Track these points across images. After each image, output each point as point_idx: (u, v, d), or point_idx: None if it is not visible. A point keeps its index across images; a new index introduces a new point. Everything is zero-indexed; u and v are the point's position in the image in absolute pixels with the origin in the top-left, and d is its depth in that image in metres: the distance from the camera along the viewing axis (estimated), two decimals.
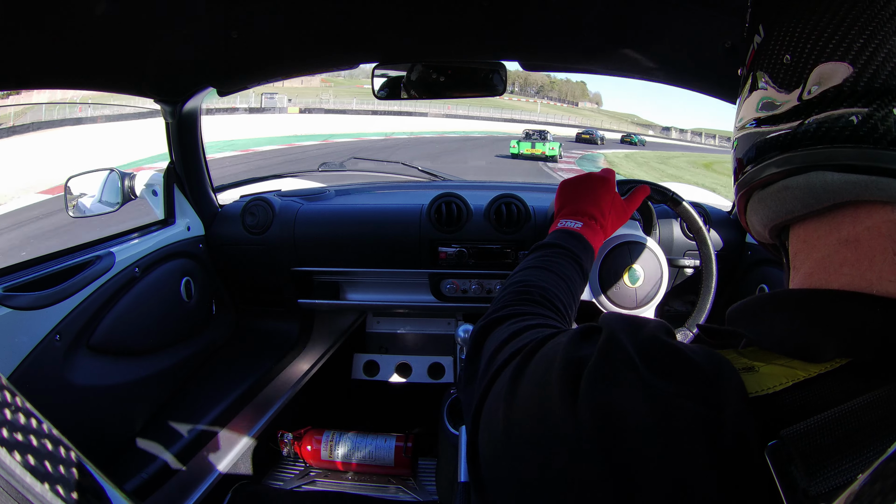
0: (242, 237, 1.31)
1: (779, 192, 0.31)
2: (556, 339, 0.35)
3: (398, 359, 1.78)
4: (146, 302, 1.07)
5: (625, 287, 0.92)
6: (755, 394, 0.26)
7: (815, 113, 0.29)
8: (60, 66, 0.78)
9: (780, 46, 0.31)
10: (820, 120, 0.28)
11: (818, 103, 0.28)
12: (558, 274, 0.54)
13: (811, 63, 0.29)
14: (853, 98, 0.27)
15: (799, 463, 0.22)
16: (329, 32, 0.93)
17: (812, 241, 0.31)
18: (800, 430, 0.23)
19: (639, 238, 0.95)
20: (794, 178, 0.30)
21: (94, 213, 1.19)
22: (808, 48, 0.29)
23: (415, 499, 1.25)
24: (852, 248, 0.28)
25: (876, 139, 0.26)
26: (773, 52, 0.32)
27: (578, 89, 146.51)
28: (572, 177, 0.73)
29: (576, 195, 0.69)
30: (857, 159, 0.27)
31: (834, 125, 0.28)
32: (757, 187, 0.33)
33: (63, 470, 0.19)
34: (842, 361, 0.26)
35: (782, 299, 0.31)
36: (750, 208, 0.36)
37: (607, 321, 0.33)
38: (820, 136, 0.28)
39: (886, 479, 0.17)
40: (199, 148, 1.26)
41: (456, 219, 1.23)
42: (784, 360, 0.28)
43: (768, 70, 0.32)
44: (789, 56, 0.30)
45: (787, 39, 0.30)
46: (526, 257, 0.59)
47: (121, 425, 0.98)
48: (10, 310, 0.77)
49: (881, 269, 0.27)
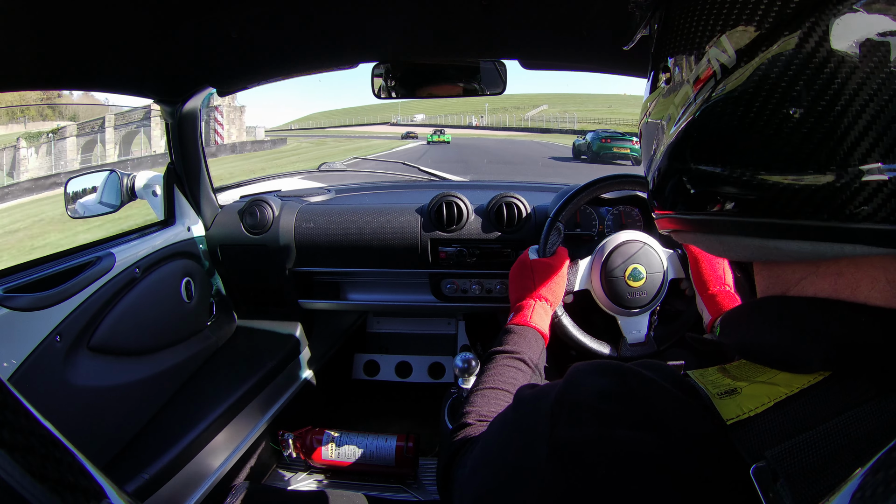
0: (243, 237, 1.31)
1: (764, 249, 0.28)
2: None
3: (398, 358, 1.78)
4: (146, 303, 1.06)
5: (626, 286, 0.92)
6: (734, 419, 0.26)
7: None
8: (61, 67, 0.78)
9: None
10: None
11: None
12: (493, 387, 0.63)
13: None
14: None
15: (784, 482, 0.22)
16: (329, 32, 0.92)
17: (784, 275, 0.30)
18: (784, 449, 0.23)
19: (642, 238, 0.95)
20: (795, 243, 0.26)
21: (94, 213, 1.19)
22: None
23: (415, 498, 1.25)
24: (832, 278, 0.27)
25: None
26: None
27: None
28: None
29: (511, 289, 0.85)
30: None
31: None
32: (726, 234, 0.30)
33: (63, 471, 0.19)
34: (826, 373, 0.26)
35: (766, 308, 0.31)
36: (699, 240, 0.33)
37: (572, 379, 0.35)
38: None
39: (889, 468, 0.17)
40: (199, 148, 1.26)
41: (456, 218, 1.23)
42: (769, 374, 0.27)
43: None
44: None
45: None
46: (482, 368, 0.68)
47: (121, 426, 0.98)
48: (10, 311, 0.77)
49: (867, 294, 0.26)
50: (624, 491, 0.27)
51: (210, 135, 25.51)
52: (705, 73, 0.29)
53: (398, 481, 1.30)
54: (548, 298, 0.79)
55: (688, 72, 0.30)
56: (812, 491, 0.22)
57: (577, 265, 0.95)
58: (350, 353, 1.79)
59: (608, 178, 0.99)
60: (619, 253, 0.93)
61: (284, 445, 1.30)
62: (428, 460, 1.37)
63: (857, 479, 0.18)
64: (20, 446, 0.18)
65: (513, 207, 1.23)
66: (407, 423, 1.63)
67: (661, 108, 0.34)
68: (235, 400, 1.14)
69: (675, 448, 0.27)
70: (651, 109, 0.36)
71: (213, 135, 26.15)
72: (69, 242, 3.46)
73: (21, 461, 0.17)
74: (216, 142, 25.74)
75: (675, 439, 0.27)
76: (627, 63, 0.99)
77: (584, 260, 0.95)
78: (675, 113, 0.32)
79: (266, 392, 1.27)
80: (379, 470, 1.29)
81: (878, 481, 0.17)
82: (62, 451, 0.20)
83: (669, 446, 0.27)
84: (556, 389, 0.33)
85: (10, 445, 0.18)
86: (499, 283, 1.27)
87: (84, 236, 6.57)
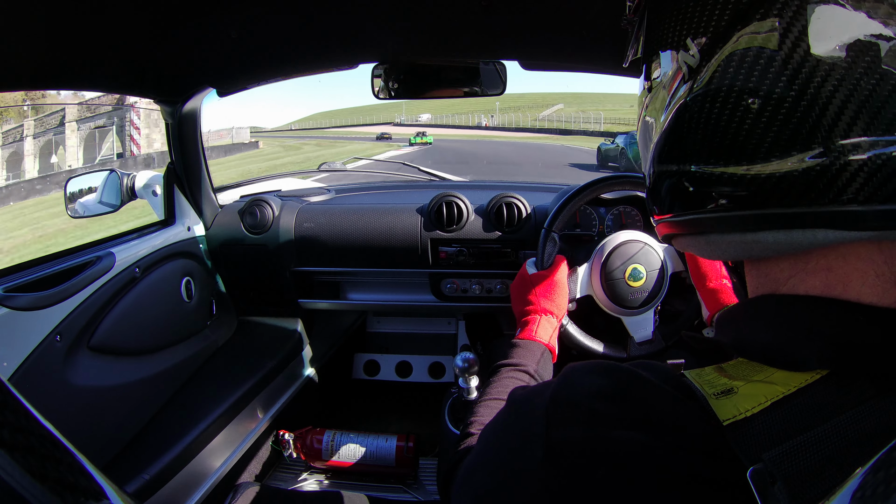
0: (243, 237, 1.31)
1: (745, 245, 0.29)
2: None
3: (399, 358, 1.78)
4: (147, 302, 1.07)
5: (627, 286, 0.92)
6: (731, 419, 0.25)
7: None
8: (61, 67, 0.78)
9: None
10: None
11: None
12: (497, 398, 0.64)
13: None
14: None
15: (781, 485, 0.22)
16: (329, 32, 0.92)
17: (773, 273, 0.30)
18: (782, 451, 0.23)
19: (640, 237, 0.95)
20: (770, 234, 0.27)
21: (94, 213, 1.19)
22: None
23: (416, 498, 1.25)
24: (822, 274, 0.27)
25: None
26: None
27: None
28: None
29: (514, 304, 0.86)
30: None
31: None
32: (711, 232, 0.30)
33: (63, 471, 0.19)
34: (823, 372, 0.25)
35: (760, 306, 0.31)
36: (691, 243, 0.33)
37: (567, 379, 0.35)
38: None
39: (890, 467, 0.17)
40: (199, 148, 1.26)
41: (456, 218, 1.23)
42: (766, 372, 0.27)
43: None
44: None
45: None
46: (488, 380, 0.69)
47: (121, 426, 0.98)
48: (10, 310, 0.77)
49: (859, 290, 0.26)
50: (620, 492, 0.27)
51: (125, 143, 19.30)
52: (676, 75, 0.31)
53: (398, 481, 1.30)
54: (552, 311, 0.79)
55: (663, 75, 0.32)
56: (810, 494, 0.21)
57: (575, 272, 0.95)
58: (350, 353, 1.79)
59: (600, 180, 0.99)
60: (618, 254, 0.93)
61: (285, 445, 1.30)
62: (428, 460, 1.36)
63: (857, 479, 0.18)
64: (20, 446, 0.18)
65: (513, 207, 1.23)
66: (407, 423, 1.63)
67: (647, 112, 0.36)
68: (235, 400, 1.14)
69: (670, 448, 0.27)
70: (640, 114, 0.38)
71: (129, 143, 19.46)
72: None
73: (21, 461, 0.17)
74: (132, 152, 19.53)
75: (671, 440, 0.27)
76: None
77: (583, 266, 0.95)
78: (657, 117, 0.33)
79: (266, 392, 1.27)
80: (379, 470, 1.29)
81: (878, 480, 0.17)
82: (62, 451, 0.20)
83: (665, 447, 0.27)
84: (550, 389, 0.33)
85: (10, 445, 0.18)
86: (499, 283, 1.28)
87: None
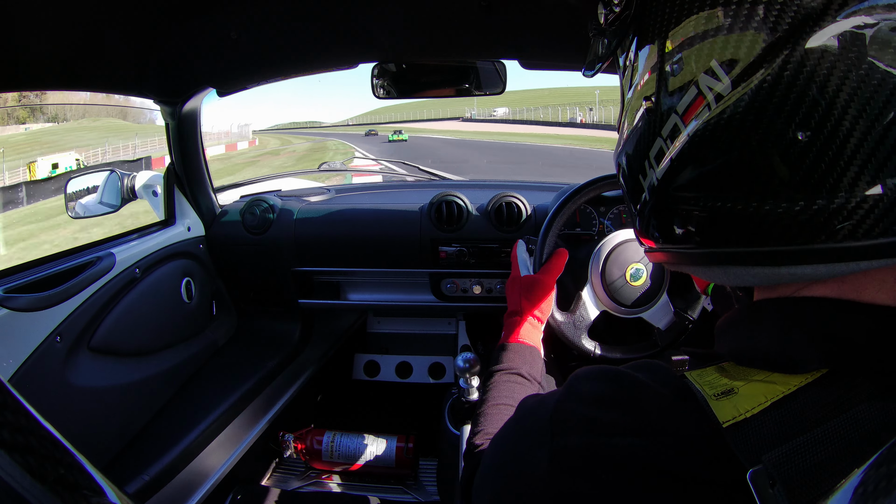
0: (243, 237, 1.31)
1: (773, 276, 0.28)
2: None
3: (399, 359, 1.78)
4: (147, 303, 1.06)
5: (627, 286, 0.92)
6: (730, 421, 0.25)
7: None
8: (61, 68, 0.78)
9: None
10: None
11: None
12: (496, 404, 0.66)
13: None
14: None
15: (780, 487, 0.22)
16: (329, 32, 0.92)
17: (785, 286, 0.30)
18: (781, 453, 0.23)
19: (633, 236, 0.94)
20: (810, 268, 0.26)
21: (94, 213, 1.19)
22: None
23: (416, 499, 1.25)
24: (835, 284, 0.27)
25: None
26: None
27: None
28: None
29: (507, 302, 0.85)
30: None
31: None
32: (732, 264, 0.29)
33: (63, 471, 0.19)
34: (822, 371, 0.25)
35: (760, 310, 0.31)
36: (699, 271, 0.33)
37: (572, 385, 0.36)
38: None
39: (892, 462, 0.17)
40: (199, 148, 1.26)
41: (456, 218, 1.23)
42: (766, 372, 0.27)
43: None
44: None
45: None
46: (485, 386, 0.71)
47: (121, 426, 0.98)
48: (10, 311, 0.77)
49: (874, 296, 0.26)
50: (622, 496, 0.27)
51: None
52: (696, 102, 0.28)
53: (398, 482, 1.30)
54: (537, 316, 0.81)
55: (675, 100, 0.29)
56: (809, 495, 0.21)
57: (580, 297, 0.93)
58: (350, 354, 1.79)
59: (600, 179, 0.98)
60: (616, 257, 0.93)
61: (284, 446, 1.30)
62: (428, 461, 1.36)
63: (858, 475, 0.18)
64: (20, 446, 0.18)
65: (513, 207, 1.23)
66: (407, 424, 1.63)
67: (643, 139, 0.33)
68: (235, 400, 1.14)
69: (670, 452, 0.27)
70: (627, 139, 0.35)
71: None
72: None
73: (21, 461, 0.17)
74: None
75: (670, 443, 0.27)
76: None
77: (585, 290, 0.93)
78: (663, 146, 0.31)
79: (266, 392, 1.27)
80: (379, 470, 1.29)
81: (880, 475, 0.17)
82: (62, 451, 0.20)
83: (665, 451, 0.27)
84: (555, 398, 0.34)
85: (10, 445, 0.18)
86: (499, 283, 1.27)
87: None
